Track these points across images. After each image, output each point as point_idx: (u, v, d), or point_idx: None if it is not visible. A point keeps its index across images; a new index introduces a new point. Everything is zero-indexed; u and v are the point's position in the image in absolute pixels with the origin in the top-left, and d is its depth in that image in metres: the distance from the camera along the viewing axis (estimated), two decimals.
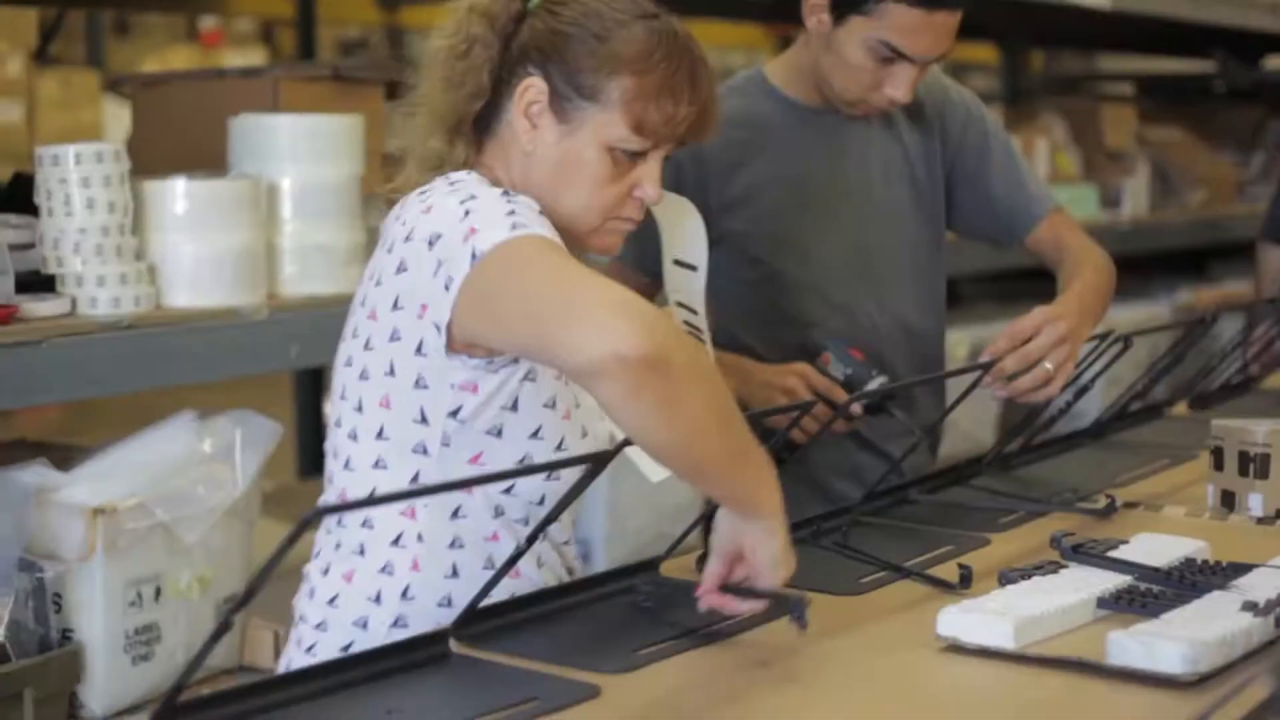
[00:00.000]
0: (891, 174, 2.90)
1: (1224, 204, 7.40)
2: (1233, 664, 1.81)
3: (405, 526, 2.06)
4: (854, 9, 2.69)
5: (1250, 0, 7.24)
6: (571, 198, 2.06)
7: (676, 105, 2.04)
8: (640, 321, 1.79)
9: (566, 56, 2.04)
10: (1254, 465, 2.53)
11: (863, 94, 2.76)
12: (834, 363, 2.72)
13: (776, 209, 2.84)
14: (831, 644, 1.93)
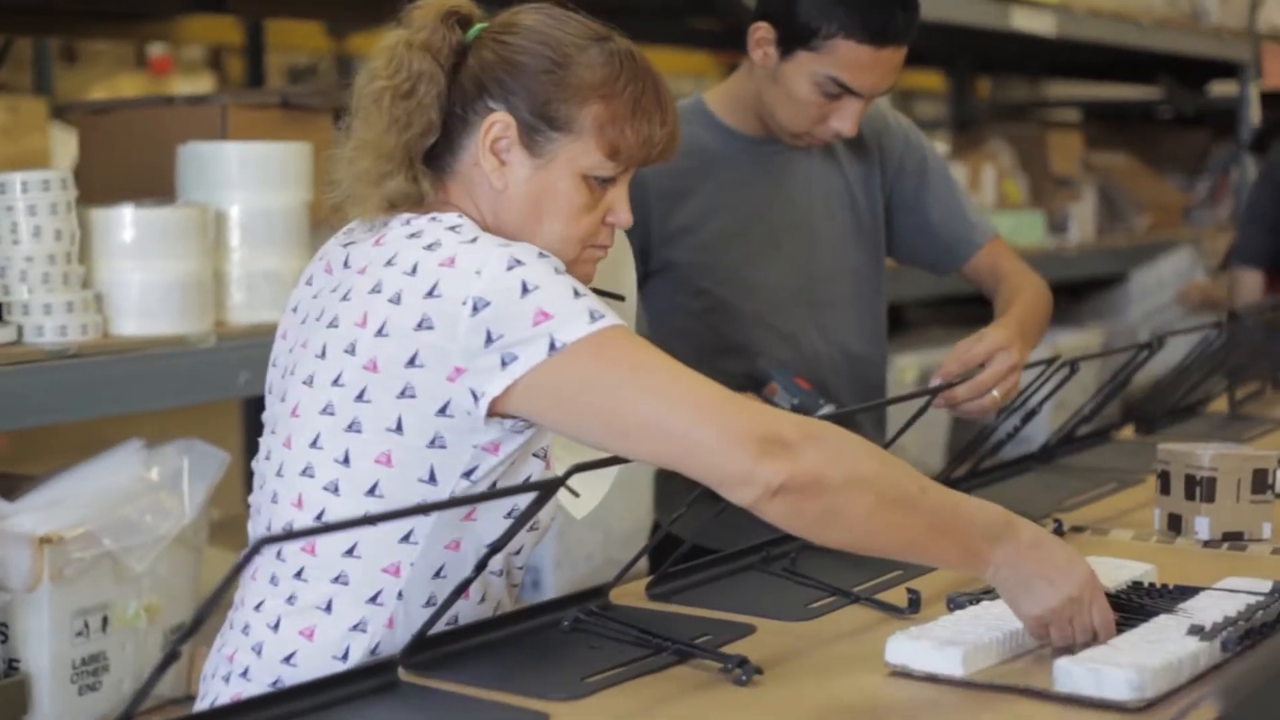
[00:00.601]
0: (832, 202, 2.91)
1: (1170, 229, 7.46)
2: (1180, 689, 1.81)
3: (386, 584, 1.97)
4: (801, 44, 2.69)
5: (1194, 26, 7.29)
6: (549, 231, 2.01)
7: (651, 126, 2.02)
8: (778, 448, 1.82)
9: (529, 87, 1.99)
10: (1200, 489, 2.54)
11: (808, 127, 2.77)
12: (780, 393, 2.72)
13: (720, 239, 2.84)
14: (781, 670, 1.93)
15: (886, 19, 2.68)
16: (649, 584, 2.24)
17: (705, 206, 2.84)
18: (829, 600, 2.21)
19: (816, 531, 1.88)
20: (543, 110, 1.98)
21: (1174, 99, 8.92)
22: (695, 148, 2.83)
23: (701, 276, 2.84)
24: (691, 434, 1.85)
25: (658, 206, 2.81)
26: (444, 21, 2.03)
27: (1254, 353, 3.76)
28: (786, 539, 2.45)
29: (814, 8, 2.67)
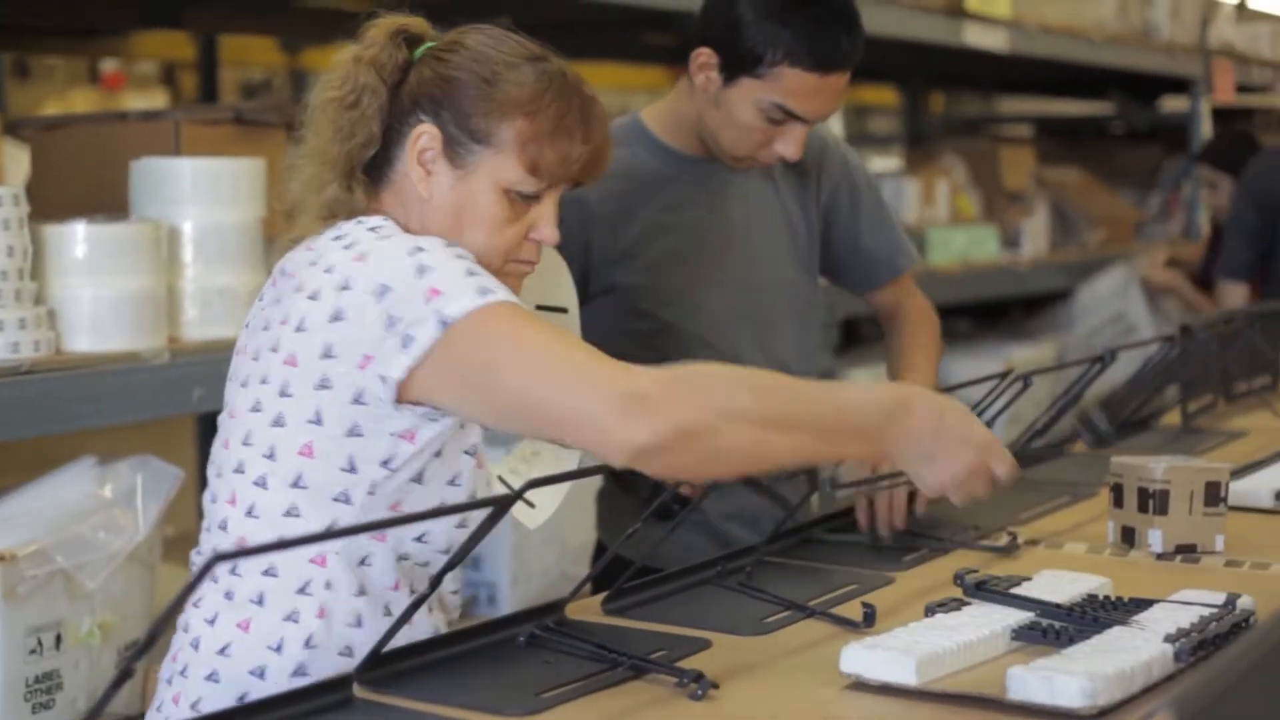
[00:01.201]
0: (771, 221, 2.91)
1: (1123, 243, 7.50)
2: (1133, 697, 1.83)
3: (314, 574, 2.04)
4: (745, 71, 2.68)
5: (1145, 42, 7.34)
6: (470, 241, 2.07)
7: (570, 145, 2.08)
8: (639, 406, 1.86)
9: (457, 101, 2.08)
10: (1153, 501, 2.55)
11: (752, 151, 2.76)
12: None
13: (663, 261, 2.83)
14: (736, 684, 1.93)
15: (832, 46, 2.66)
16: (604, 599, 2.23)
17: (647, 228, 2.83)
18: (784, 614, 2.21)
19: (707, 473, 1.98)
20: (466, 123, 2.07)
21: (1126, 114, 8.97)
22: (636, 169, 2.82)
23: (645, 299, 2.83)
24: (560, 405, 1.90)
25: (600, 228, 2.80)
26: (393, 39, 2.14)
27: (1206, 366, 3.78)
28: (740, 554, 2.46)
29: (759, 35, 2.65)
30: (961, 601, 2.14)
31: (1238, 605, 2.08)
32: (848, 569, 2.45)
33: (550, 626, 2.09)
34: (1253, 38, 8.89)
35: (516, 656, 2.02)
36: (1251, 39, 8.85)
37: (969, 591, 2.17)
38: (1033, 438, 3.24)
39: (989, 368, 5.42)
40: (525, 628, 2.07)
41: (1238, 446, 3.51)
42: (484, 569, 4.12)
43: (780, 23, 2.64)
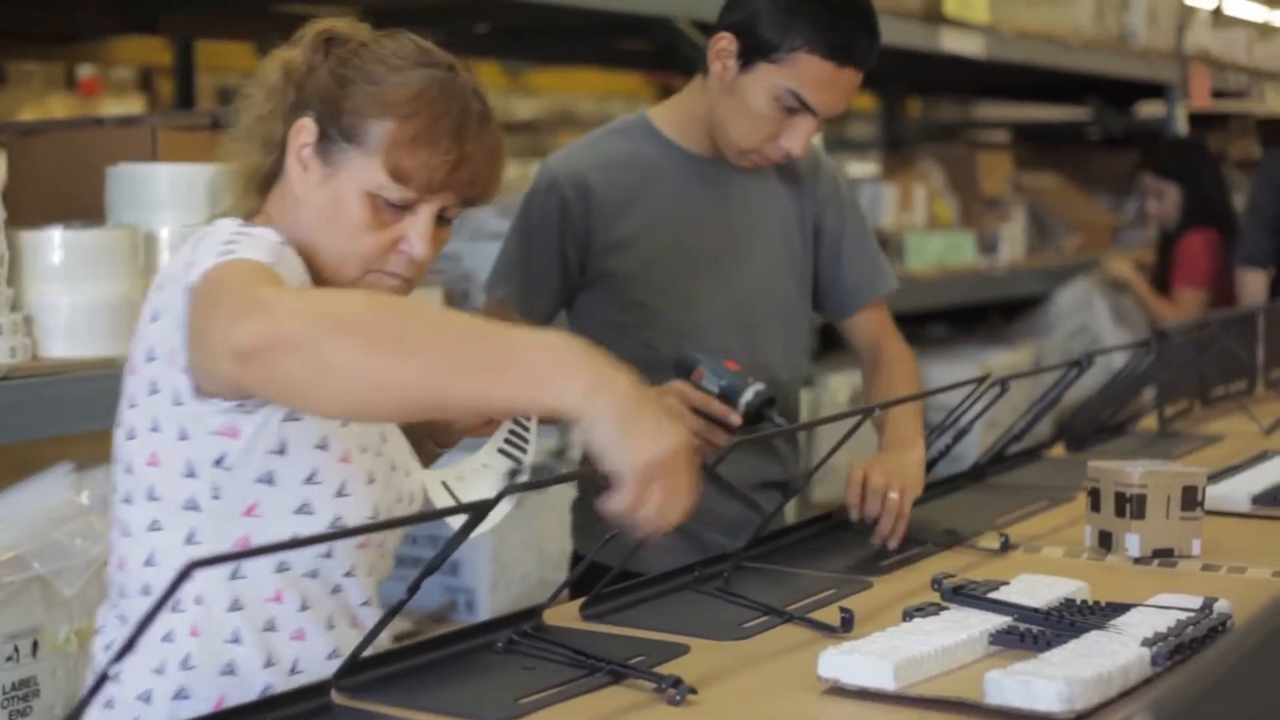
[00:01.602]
0: (770, 228, 2.92)
1: (1099, 248, 7.52)
2: (1110, 702, 1.83)
3: (183, 589, 1.83)
4: (764, 56, 2.71)
5: (1122, 48, 7.36)
6: (330, 244, 2.00)
7: (433, 153, 1.97)
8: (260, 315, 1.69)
9: (337, 99, 2.00)
10: (1130, 506, 2.56)
11: (759, 144, 2.77)
12: (708, 376, 2.68)
13: (660, 253, 2.85)
14: (715, 688, 1.93)
15: (850, 38, 2.70)
16: (583, 605, 2.23)
17: (647, 219, 2.84)
18: (762, 619, 2.21)
19: (309, 394, 1.71)
20: (338, 119, 1.99)
21: (1102, 120, 9.00)
22: (640, 161, 2.86)
23: (637, 289, 2.84)
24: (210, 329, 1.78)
25: (601, 215, 2.82)
26: (314, 43, 2.07)
27: (1182, 370, 3.80)
28: (718, 559, 2.46)
29: (779, 20, 2.69)
30: (939, 606, 2.14)
31: (1215, 609, 2.09)
32: (825, 574, 2.45)
33: (528, 632, 2.09)
34: (1229, 43, 8.92)
35: (495, 662, 2.02)
36: (1227, 45, 8.88)
37: (946, 596, 2.17)
38: (1010, 442, 3.24)
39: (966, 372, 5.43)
40: (503, 633, 2.07)
41: (1214, 451, 3.52)
42: (462, 575, 4.12)
43: (802, 11, 2.68)
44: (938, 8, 5.67)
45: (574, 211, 2.81)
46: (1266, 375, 4.29)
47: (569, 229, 2.82)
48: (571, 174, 2.83)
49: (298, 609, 2.00)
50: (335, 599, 2.04)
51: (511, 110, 9.92)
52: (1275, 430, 3.70)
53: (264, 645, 1.96)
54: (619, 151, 2.87)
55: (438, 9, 4.89)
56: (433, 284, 3.88)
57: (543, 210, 2.83)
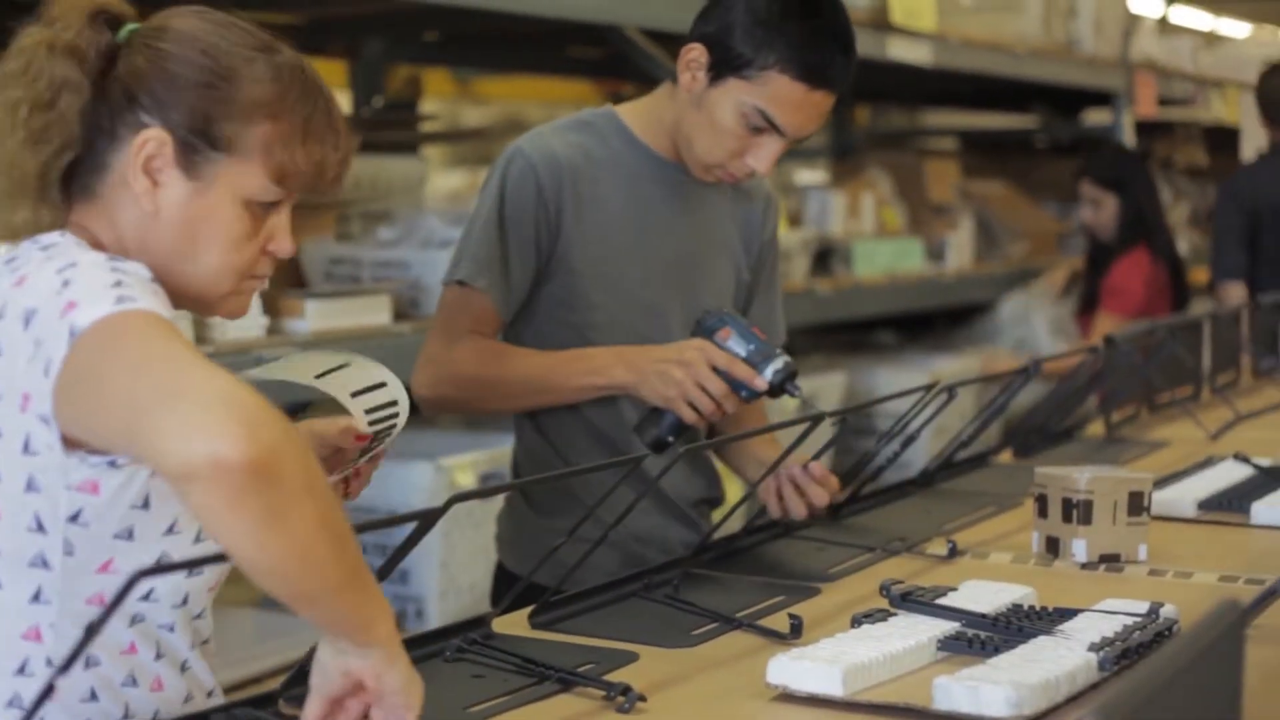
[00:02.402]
0: (722, 244, 2.87)
1: (1046, 256, 7.55)
2: (1057, 707, 1.84)
3: (30, 651, 1.76)
4: (734, 71, 2.64)
5: (1068, 56, 7.39)
6: (205, 262, 1.82)
7: (324, 150, 1.85)
8: (247, 418, 1.53)
9: (188, 101, 1.79)
10: (1077, 512, 2.57)
11: (724, 159, 2.71)
12: (735, 338, 2.62)
13: (617, 253, 2.77)
14: (664, 696, 1.93)
15: (825, 61, 2.64)
16: (531, 613, 2.23)
17: (612, 218, 2.77)
18: (711, 626, 2.21)
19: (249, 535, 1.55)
20: (203, 128, 1.79)
21: (1049, 127, 9.04)
22: (608, 157, 2.78)
23: (592, 289, 2.76)
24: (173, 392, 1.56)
25: (571, 205, 2.73)
26: (92, 22, 1.82)
27: (1129, 376, 3.81)
28: (668, 566, 2.46)
29: (753, 36, 2.63)
30: (887, 612, 2.15)
31: (1161, 614, 2.10)
32: (775, 580, 2.45)
33: (477, 640, 2.08)
34: (1174, 51, 8.97)
35: (443, 671, 2.01)
36: (1173, 53, 8.93)
37: (895, 602, 2.18)
38: (958, 448, 3.25)
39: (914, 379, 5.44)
40: (452, 642, 2.07)
41: (1160, 456, 3.54)
42: (411, 583, 4.11)
43: (778, 29, 2.62)
44: (885, 16, 5.69)
45: (549, 196, 2.71)
46: (1212, 381, 4.31)
47: (543, 214, 2.72)
48: (547, 158, 2.72)
49: (152, 659, 1.85)
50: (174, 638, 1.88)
51: (460, 118, 9.91)
52: (1221, 436, 3.73)
53: (121, 698, 1.82)
54: (589, 145, 2.78)
55: (385, 16, 4.89)
56: (380, 291, 3.87)
57: (519, 193, 2.71)
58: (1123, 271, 5.93)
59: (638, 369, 2.65)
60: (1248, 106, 9.25)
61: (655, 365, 2.63)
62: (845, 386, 5.90)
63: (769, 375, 2.60)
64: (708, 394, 2.59)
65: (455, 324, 2.75)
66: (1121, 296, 5.88)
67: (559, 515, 2.76)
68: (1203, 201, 9.03)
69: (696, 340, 2.64)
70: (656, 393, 2.62)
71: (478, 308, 2.73)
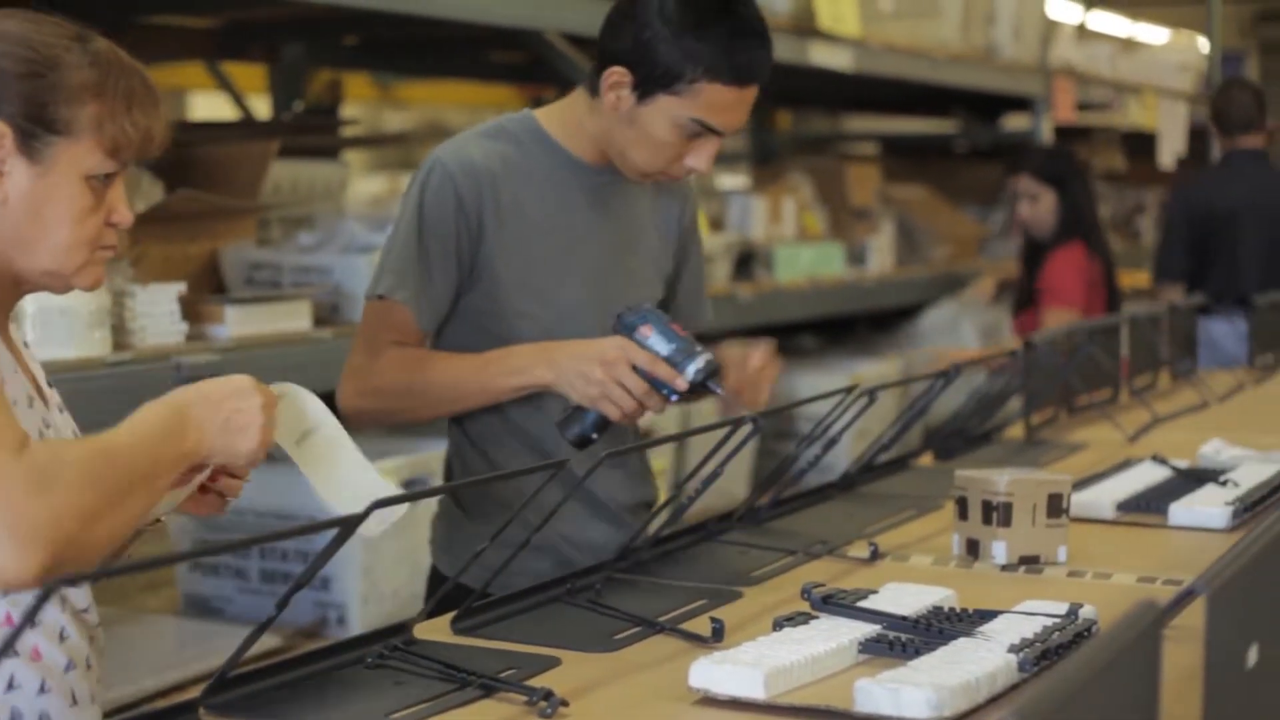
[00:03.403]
0: (648, 242, 2.89)
1: (966, 260, 7.60)
2: (978, 708, 1.85)
3: None
4: (663, 88, 2.65)
5: (988, 62, 7.44)
6: (54, 240, 1.95)
7: (149, 119, 1.98)
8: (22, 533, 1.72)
9: (20, 93, 1.91)
10: (997, 514, 2.58)
11: (664, 166, 2.73)
12: (656, 336, 2.62)
13: (540, 260, 2.78)
14: (586, 701, 1.93)
15: (749, 59, 2.66)
16: (453, 618, 2.22)
17: (533, 225, 2.77)
18: (633, 630, 2.21)
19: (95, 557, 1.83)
20: (39, 115, 1.91)
21: (969, 132, 9.10)
22: (531, 164, 2.78)
23: (520, 295, 2.76)
24: None
25: (492, 213, 2.73)
26: None
27: (1048, 379, 3.84)
28: (590, 571, 2.45)
29: (676, 51, 2.62)
30: (809, 615, 2.15)
31: (1080, 615, 2.11)
32: (697, 584, 2.46)
33: (399, 647, 2.07)
34: (1092, 58, 9.05)
35: (365, 678, 2.00)
36: (1091, 59, 9.01)
37: (816, 605, 2.18)
38: (879, 452, 3.27)
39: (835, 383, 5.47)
40: (373, 648, 2.06)
41: (1079, 458, 3.56)
42: (333, 590, 4.09)
43: (697, 38, 2.62)
44: (809, 21, 5.71)
45: (469, 205, 2.71)
46: (1131, 384, 4.35)
47: (464, 224, 2.72)
48: (465, 166, 2.73)
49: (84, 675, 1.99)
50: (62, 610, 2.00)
51: (381, 122, 9.88)
52: (1139, 438, 3.76)
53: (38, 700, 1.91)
54: (507, 152, 2.78)
55: (305, 20, 4.87)
56: (301, 297, 3.86)
57: (438, 203, 2.72)
58: (1058, 267, 5.95)
59: (559, 367, 2.65)
60: (1165, 111, 9.37)
61: (576, 364, 2.63)
62: None
63: (690, 374, 2.60)
64: (629, 392, 2.60)
65: (378, 337, 2.75)
66: (1062, 293, 5.91)
67: (489, 518, 2.77)
68: (1121, 206, 9.11)
69: (618, 339, 2.64)
70: (578, 391, 2.63)
71: (400, 320, 2.73)
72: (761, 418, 2.54)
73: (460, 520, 2.86)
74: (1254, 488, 2.99)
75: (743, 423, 2.52)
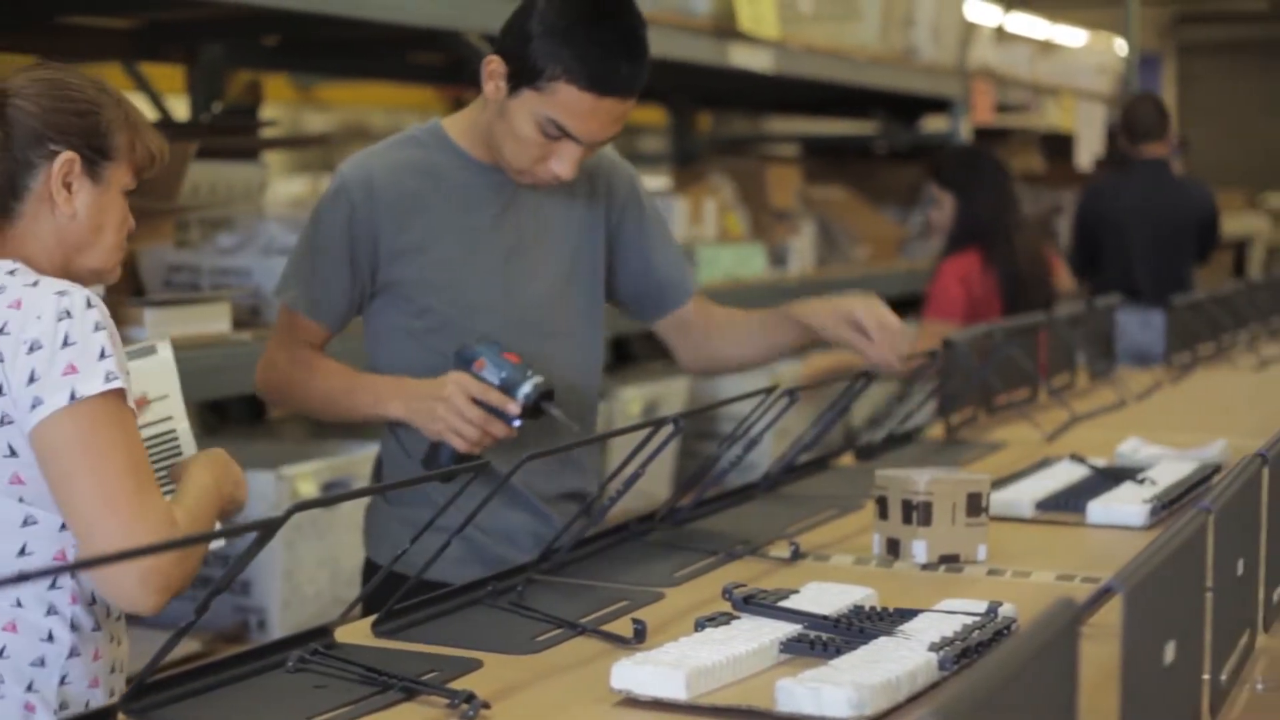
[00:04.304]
0: (559, 237, 2.93)
1: (886, 260, 7.62)
2: (899, 706, 1.86)
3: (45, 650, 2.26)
4: (527, 83, 2.72)
5: (907, 64, 7.48)
6: (106, 243, 2.36)
7: (156, 140, 2.39)
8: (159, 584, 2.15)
9: (82, 129, 2.30)
10: (917, 513, 2.60)
11: (529, 165, 2.79)
12: (488, 367, 2.74)
13: (448, 259, 2.85)
14: (508, 703, 1.93)
15: (610, 70, 2.71)
16: (375, 621, 2.22)
17: (436, 226, 2.85)
18: (556, 632, 2.21)
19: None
20: (96, 144, 2.32)
21: (888, 134, 9.14)
22: (430, 168, 2.86)
23: (427, 295, 2.85)
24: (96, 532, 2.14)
25: (389, 223, 2.83)
26: None
27: (968, 379, 3.86)
28: (512, 573, 2.45)
29: (542, 48, 2.70)
30: (730, 615, 2.16)
31: (999, 613, 2.13)
32: (619, 585, 2.46)
33: (320, 650, 2.06)
34: (1011, 59, 9.10)
35: (285, 682, 2.00)
36: (1010, 61, 9.07)
37: (738, 605, 2.19)
38: (800, 452, 3.28)
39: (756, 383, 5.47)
40: (294, 652, 2.05)
41: (998, 457, 3.59)
42: (253, 594, 4.07)
43: (564, 40, 2.69)
44: (729, 23, 5.72)
45: (361, 217, 2.81)
46: (1049, 383, 4.38)
47: (358, 234, 2.82)
48: (360, 179, 2.83)
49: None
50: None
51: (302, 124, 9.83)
52: (1057, 437, 3.79)
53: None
54: (410, 158, 2.87)
55: (224, 21, 4.83)
56: (220, 299, 3.83)
57: (330, 216, 2.84)
58: (941, 278, 5.93)
59: (410, 405, 2.79)
60: (1083, 113, 9.44)
61: (422, 401, 2.77)
62: (688, 391, 5.93)
63: (521, 398, 2.73)
64: (470, 423, 2.72)
65: (286, 331, 2.92)
66: (940, 305, 5.89)
67: (409, 504, 2.89)
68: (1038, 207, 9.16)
69: (455, 373, 2.76)
70: (428, 427, 2.76)
71: (301, 323, 2.88)
72: (682, 418, 2.55)
73: (382, 506, 2.98)
74: (1171, 486, 3.02)
75: (663, 423, 2.53)
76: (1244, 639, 2.00)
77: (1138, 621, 1.47)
